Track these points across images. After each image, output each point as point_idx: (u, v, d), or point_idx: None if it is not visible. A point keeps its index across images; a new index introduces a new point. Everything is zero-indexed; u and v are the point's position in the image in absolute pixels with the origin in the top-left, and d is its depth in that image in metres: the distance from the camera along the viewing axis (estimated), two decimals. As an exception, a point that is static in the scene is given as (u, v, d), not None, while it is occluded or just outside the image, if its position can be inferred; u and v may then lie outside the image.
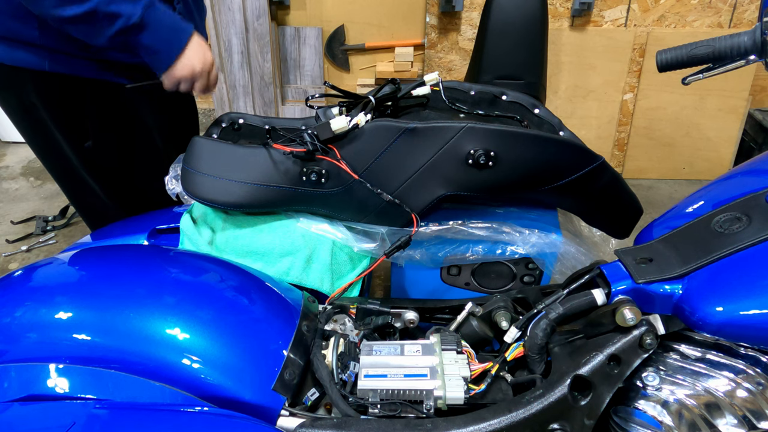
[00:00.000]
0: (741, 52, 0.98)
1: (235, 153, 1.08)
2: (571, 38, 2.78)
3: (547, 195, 1.12)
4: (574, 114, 2.90)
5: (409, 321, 1.03)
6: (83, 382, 0.80)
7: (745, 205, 0.87)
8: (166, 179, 1.25)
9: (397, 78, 1.26)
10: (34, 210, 2.80)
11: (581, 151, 1.08)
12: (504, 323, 0.99)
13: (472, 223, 1.14)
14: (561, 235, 1.14)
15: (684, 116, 2.88)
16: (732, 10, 2.73)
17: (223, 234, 1.14)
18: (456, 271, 1.19)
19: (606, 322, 0.85)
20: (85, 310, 0.87)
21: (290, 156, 1.05)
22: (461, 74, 2.93)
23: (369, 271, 1.10)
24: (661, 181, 3.03)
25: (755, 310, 0.75)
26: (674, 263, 0.85)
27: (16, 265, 2.42)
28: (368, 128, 1.05)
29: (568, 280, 0.98)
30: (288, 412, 0.85)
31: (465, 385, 0.87)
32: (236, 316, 0.92)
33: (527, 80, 2.12)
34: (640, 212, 1.20)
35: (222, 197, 1.08)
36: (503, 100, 1.24)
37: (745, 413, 0.80)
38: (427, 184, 1.07)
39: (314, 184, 1.07)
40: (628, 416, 0.86)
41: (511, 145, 1.04)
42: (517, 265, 1.17)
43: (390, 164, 1.06)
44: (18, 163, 3.26)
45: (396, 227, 1.11)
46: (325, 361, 0.92)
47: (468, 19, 2.83)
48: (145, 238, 1.21)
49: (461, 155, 1.04)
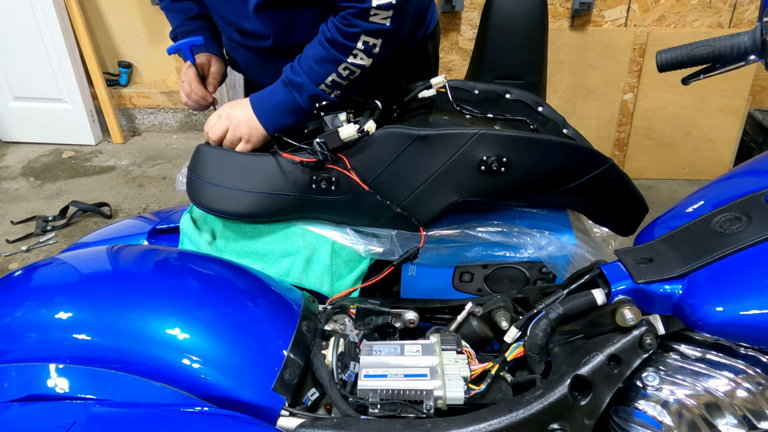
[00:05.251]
0: (741, 52, 0.98)
1: (242, 162, 1.08)
2: (571, 38, 2.78)
3: (557, 197, 1.12)
4: (574, 114, 2.90)
5: (409, 321, 1.03)
6: (83, 382, 0.80)
7: (745, 205, 0.87)
8: (178, 176, 1.24)
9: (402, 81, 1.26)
10: (34, 210, 2.80)
11: (591, 154, 1.08)
12: (504, 323, 0.99)
13: (483, 227, 1.13)
14: (574, 236, 1.13)
15: (684, 116, 2.88)
16: (732, 10, 2.73)
17: (224, 234, 1.14)
18: (468, 277, 1.17)
19: (606, 322, 0.85)
20: (85, 310, 0.87)
21: (299, 164, 1.05)
22: (461, 74, 2.92)
23: (377, 280, 1.08)
24: (661, 181, 3.03)
25: (755, 310, 0.75)
26: (674, 263, 0.85)
27: (16, 265, 2.42)
28: (378, 136, 1.05)
29: (568, 280, 0.98)
30: (288, 412, 0.85)
31: (465, 385, 0.87)
32: (236, 316, 0.92)
33: (527, 80, 2.11)
34: (645, 210, 1.21)
35: (231, 207, 1.08)
36: (507, 98, 1.24)
37: (745, 413, 0.80)
38: (439, 191, 1.07)
39: (324, 191, 1.06)
40: (628, 416, 0.86)
41: (523, 150, 1.04)
42: (530, 270, 1.16)
43: (401, 172, 1.06)
44: (18, 163, 3.26)
45: (406, 231, 1.11)
46: (325, 361, 0.92)
47: (468, 19, 2.82)
48: (145, 238, 1.21)
49: (474, 162, 1.04)
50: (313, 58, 1.09)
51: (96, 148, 3.43)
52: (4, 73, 3.31)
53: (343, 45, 1.06)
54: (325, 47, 1.08)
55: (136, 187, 3.03)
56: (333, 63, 1.08)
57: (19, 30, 3.15)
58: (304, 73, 1.10)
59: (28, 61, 3.24)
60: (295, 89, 1.11)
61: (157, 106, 3.57)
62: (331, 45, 1.07)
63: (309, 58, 1.10)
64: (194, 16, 1.34)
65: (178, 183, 1.23)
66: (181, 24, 1.35)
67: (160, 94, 3.52)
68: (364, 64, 1.08)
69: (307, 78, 1.09)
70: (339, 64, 1.08)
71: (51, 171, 3.20)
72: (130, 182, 3.08)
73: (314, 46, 1.10)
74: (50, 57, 3.21)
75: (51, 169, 3.22)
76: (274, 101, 1.14)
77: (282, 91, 1.13)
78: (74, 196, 2.90)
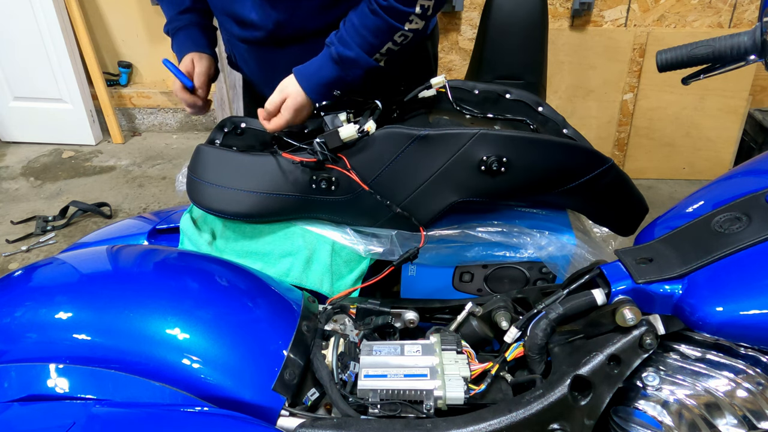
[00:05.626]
0: (741, 52, 0.98)
1: (242, 161, 1.08)
2: (571, 38, 2.78)
3: (557, 197, 1.12)
4: (574, 114, 2.90)
5: (409, 321, 1.03)
6: (83, 382, 0.80)
7: (745, 205, 0.87)
8: (178, 176, 1.24)
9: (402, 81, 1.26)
10: (34, 210, 2.80)
11: (591, 154, 1.08)
12: (504, 323, 0.98)
13: (483, 227, 1.13)
14: (574, 236, 1.13)
15: (684, 116, 2.88)
16: (732, 10, 2.73)
17: (223, 234, 1.14)
18: (468, 277, 1.17)
19: (606, 322, 0.85)
20: (85, 310, 0.87)
21: (299, 164, 1.05)
22: (461, 74, 2.92)
23: (377, 280, 1.08)
24: (661, 181, 3.03)
25: (755, 310, 0.75)
26: (674, 263, 0.85)
27: (16, 265, 2.42)
28: (379, 136, 1.05)
29: (568, 280, 0.98)
30: (288, 412, 0.85)
31: (465, 385, 0.87)
32: (236, 316, 0.92)
33: (527, 80, 2.11)
34: (645, 210, 1.21)
35: (231, 207, 1.08)
36: (507, 98, 1.24)
37: (745, 413, 0.80)
38: (439, 191, 1.07)
39: (324, 191, 1.06)
40: (628, 416, 0.86)
41: (523, 150, 1.04)
42: (530, 270, 1.16)
43: (401, 172, 1.06)
44: (18, 163, 3.26)
45: (406, 231, 1.11)
46: (325, 361, 0.92)
47: (468, 19, 2.83)
48: (145, 238, 1.21)
49: (474, 162, 1.04)
50: (367, 29, 1.05)
51: (96, 148, 3.43)
52: (4, 73, 3.31)
53: (402, 12, 1.02)
54: (381, 16, 1.03)
55: (136, 187, 3.03)
56: (390, 32, 1.04)
57: (19, 30, 3.16)
58: (357, 46, 1.05)
59: (28, 61, 3.24)
60: (349, 65, 1.07)
61: (157, 106, 3.57)
62: (388, 13, 1.02)
63: (361, 29, 1.05)
64: (186, 9, 1.33)
65: (178, 183, 1.23)
66: (173, 18, 1.34)
67: (160, 94, 3.53)
68: (418, 27, 1.05)
69: (361, 50, 1.05)
70: (396, 32, 1.04)
71: (51, 171, 3.20)
72: (130, 182, 3.08)
73: (365, 15, 1.05)
74: (50, 57, 3.21)
75: (51, 169, 3.22)
76: (324, 78, 1.10)
77: (331, 68, 1.09)
78: (74, 196, 2.90)
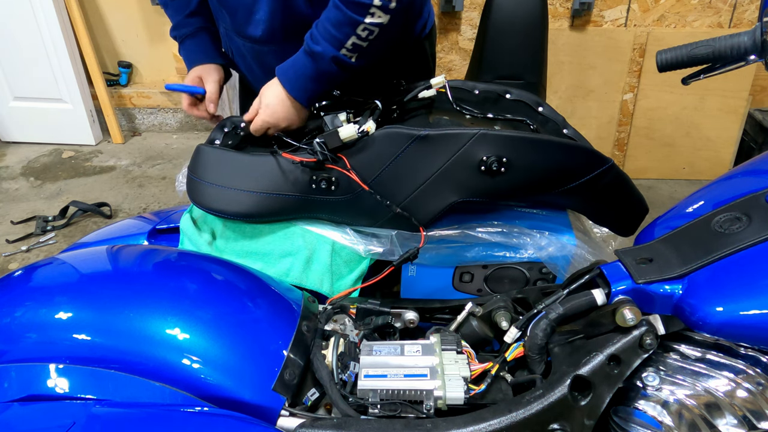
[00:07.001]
0: (741, 52, 0.98)
1: (242, 161, 1.08)
2: (571, 38, 2.78)
3: (557, 197, 1.12)
4: (574, 114, 2.90)
5: (409, 321, 1.03)
6: (83, 382, 0.80)
7: (745, 205, 0.87)
8: (178, 176, 1.24)
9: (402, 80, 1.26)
10: (34, 210, 2.80)
11: (591, 154, 1.08)
12: (504, 323, 0.98)
13: (483, 227, 1.13)
14: (574, 237, 1.13)
15: (684, 116, 2.88)
16: (732, 10, 2.73)
17: (224, 234, 1.14)
18: (468, 277, 1.17)
19: (606, 322, 0.85)
20: (85, 310, 0.87)
21: (299, 164, 1.05)
22: (461, 74, 2.93)
23: (377, 280, 1.08)
24: (661, 181, 3.03)
25: (755, 310, 0.75)
26: (674, 263, 0.85)
27: (16, 265, 2.42)
28: (378, 136, 1.05)
29: (568, 281, 0.98)
30: (288, 412, 0.85)
31: (465, 385, 0.87)
32: (236, 316, 0.92)
33: (527, 80, 2.11)
34: (645, 210, 1.21)
35: (231, 207, 1.08)
36: (507, 98, 1.24)
37: (745, 413, 0.80)
38: (438, 191, 1.07)
39: (324, 191, 1.06)
40: (628, 416, 0.86)
41: (523, 150, 1.04)
42: (530, 270, 1.16)
43: (401, 172, 1.06)
44: (18, 163, 3.26)
45: (406, 231, 1.11)
46: (325, 361, 0.92)
47: (468, 19, 2.83)
48: (145, 238, 1.21)
49: (474, 162, 1.04)
50: (330, 22, 1.05)
51: (96, 148, 3.43)
52: (4, 73, 3.31)
53: (359, 4, 1.02)
54: (341, 9, 1.03)
55: (136, 187, 3.03)
56: (350, 24, 1.04)
57: (19, 30, 3.15)
58: (324, 40, 1.07)
59: (28, 61, 3.24)
60: (318, 59, 1.08)
61: (157, 106, 3.57)
62: (348, 6, 1.03)
63: (326, 22, 1.06)
64: (193, 12, 1.33)
65: (178, 183, 1.23)
66: (180, 22, 1.34)
67: (160, 94, 3.52)
68: (382, 21, 1.04)
69: (328, 44, 1.06)
70: (357, 25, 1.04)
71: (51, 171, 3.20)
72: (130, 182, 3.08)
73: (329, 9, 1.06)
74: (50, 57, 3.21)
75: (51, 169, 3.22)
76: (299, 71, 1.12)
77: (305, 61, 1.11)
78: (74, 196, 2.90)
